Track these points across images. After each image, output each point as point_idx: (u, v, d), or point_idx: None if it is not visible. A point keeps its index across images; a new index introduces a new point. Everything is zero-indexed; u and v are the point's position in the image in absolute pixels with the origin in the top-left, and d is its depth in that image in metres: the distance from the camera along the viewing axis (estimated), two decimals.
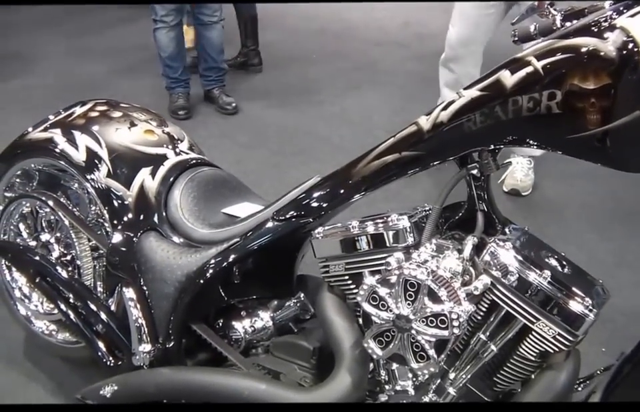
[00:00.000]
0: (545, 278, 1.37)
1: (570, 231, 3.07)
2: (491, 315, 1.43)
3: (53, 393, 2.17)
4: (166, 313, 1.77)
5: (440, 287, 1.33)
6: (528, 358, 1.42)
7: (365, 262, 1.52)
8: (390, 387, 1.56)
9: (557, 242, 1.52)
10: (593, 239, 3.08)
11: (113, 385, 1.78)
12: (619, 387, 1.40)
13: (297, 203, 1.63)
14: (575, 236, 3.01)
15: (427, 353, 1.36)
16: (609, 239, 3.11)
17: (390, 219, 1.49)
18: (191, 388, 1.70)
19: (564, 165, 3.73)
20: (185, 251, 1.75)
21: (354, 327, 1.55)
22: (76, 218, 2.00)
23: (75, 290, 1.96)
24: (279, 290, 1.79)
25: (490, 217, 1.51)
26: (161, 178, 1.87)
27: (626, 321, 2.33)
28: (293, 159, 3.80)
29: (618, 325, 2.40)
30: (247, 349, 1.78)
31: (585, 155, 1.30)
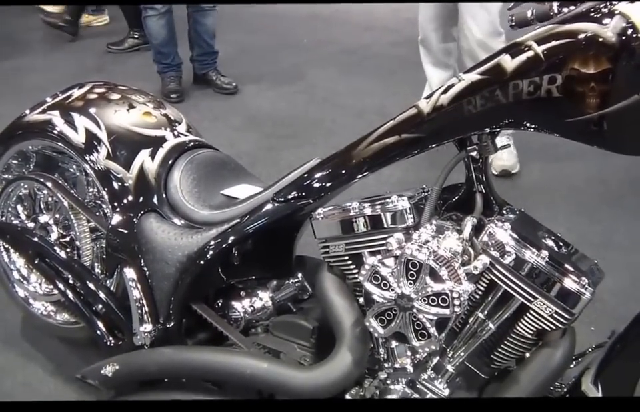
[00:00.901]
0: (542, 257, 1.38)
1: (559, 213, 3.09)
2: (489, 294, 1.45)
3: (52, 373, 2.16)
4: (167, 293, 1.77)
5: (441, 266, 1.34)
6: (525, 336, 1.44)
7: (365, 242, 1.53)
8: (389, 364, 1.57)
9: (547, 224, 1.54)
10: (582, 221, 3.10)
11: (114, 364, 1.79)
12: (612, 364, 1.43)
13: (297, 185, 1.63)
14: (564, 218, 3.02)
15: (428, 331, 1.38)
16: (598, 221, 3.14)
17: (390, 200, 1.50)
18: (193, 367, 1.71)
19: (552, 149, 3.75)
20: (185, 232, 1.75)
21: (354, 307, 1.56)
22: (75, 199, 2.00)
23: (75, 271, 1.96)
24: (278, 270, 1.80)
25: (487, 199, 1.52)
26: (161, 160, 1.87)
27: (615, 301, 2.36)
28: (286, 142, 3.79)
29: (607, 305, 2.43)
30: (247, 329, 1.79)
31: (583, 138, 1.32)
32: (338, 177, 1.58)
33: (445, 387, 1.52)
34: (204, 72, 4.45)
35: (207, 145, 1.98)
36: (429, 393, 1.52)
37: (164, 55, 4.25)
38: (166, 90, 4.24)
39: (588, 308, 1.42)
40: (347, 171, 1.57)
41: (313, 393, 1.58)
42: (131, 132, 1.92)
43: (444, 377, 1.52)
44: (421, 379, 1.53)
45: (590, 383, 1.44)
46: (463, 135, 1.46)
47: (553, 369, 1.44)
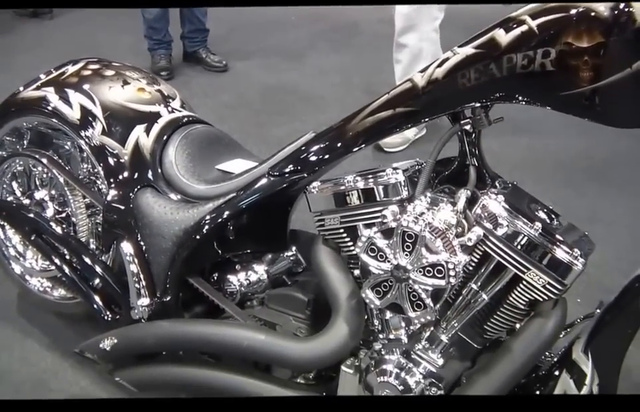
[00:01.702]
0: (535, 229, 1.39)
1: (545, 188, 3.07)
2: (483, 265, 1.45)
3: (49, 348, 2.15)
4: (164, 267, 1.77)
5: (436, 238, 1.34)
6: (518, 306, 1.45)
7: (360, 215, 1.53)
8: (383, 336, 1.58)
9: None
10: (568, 195, 3.12)
11: (112, 338, 1.78)
12: (602, 333, 1.44)
13: (292, 159, 1.63)
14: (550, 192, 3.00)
15: (423, 302, 1.38)
16: (583, 195, 3.16)
17: (385, 173, 1.50)
18: (191, 339, 1.71)
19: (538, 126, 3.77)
20: (182, 207, 1.74)
21: (349, 279, 1.56)
22: (70, 175, 1.98)
23: (71, 246, 1.95)
24: (273, 244, 1.79)
25: (480, 172, 1.52)
26: (156, 135, 1.85)
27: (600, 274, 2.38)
28: (275, 118, 3.78)
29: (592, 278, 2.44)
30: (242, 302, 1.79)
31: (575, 111, 1.32)
32: (333, 151, 1.57)
33: (439, 357, 1.53)
34: (194, 50, 4.42)
35: (201, 121, 1.97)
36: (423, 362, 1.53)
37: (155, 30, 4.21)
38: (156, 67, 4.20)
39: None
40: (342, 145, 1.56)
41: (310, 364, 1.59)
42: (125, 108, 1.90)
43: (438, 347, 1.53)
44: (415, 349, 1.54)
45: (580, 352, 1.45)
46: (457, 108, 1.46)
47: (545, 338, 1.45)
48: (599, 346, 1.44)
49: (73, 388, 2.02)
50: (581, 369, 1.44)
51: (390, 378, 1.52)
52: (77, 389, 2.02)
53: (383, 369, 1.53)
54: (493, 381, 1.47)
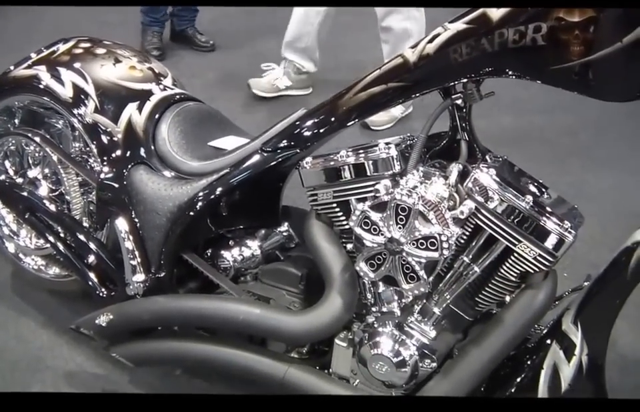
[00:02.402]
0: (526, 202, 1.38)
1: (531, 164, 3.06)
2: (474, 238, 1.45)
3: (44, 325, 2.14)
4: (158, 244, 1.75)
5: (429, 211, 1.34)
6: (509, 278, 1.45)
7: (352, 190, 1.52)
8: (376, 309, 1.57)
9: None
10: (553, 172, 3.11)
11: (107, 314, 1.77)
12: (590, 305, 1.44)
13: (285, 135, 1.61)
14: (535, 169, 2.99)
15: (417, 274, 1.38)
16: (568, 172, 3.17)
17: (377, 148, 1.49)
18: (186, 314, 1.70)
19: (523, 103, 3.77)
20: (175, 183, 1.73)
21: (342, 253, 1.55)
22: (64, 154, 1.95)
23: (66, 224, 1.93)
24: (266, 220, 1.78)
25: (472, 146, 1.52)
26: (148, 113, 1.83)
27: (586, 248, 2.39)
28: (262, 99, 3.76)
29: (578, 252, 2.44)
30: (236, 277, 1.78)
31: (565, 85, 1.31)
32: (325, 126, 1.56)
33: (431, 329, 1.52)
34: (182, 28, 4.36)
35: (193, 98, 1.95)
36: (416, 335, 1.53)
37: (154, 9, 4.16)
38: (148, 45, 4.15)
39: None
40: (334, 120, 1.54)
41: (304, 337, 1.58)
42: (117, 86, 1.87)
43: (430, 319, 1.53)
44: (408, 322, 1.54)
45: (570, 323, 1.45)
46: (448, 83, 1.45)
47: (536, 309, 1.46)
48: (588, 317, 1.44)
49: (69, 364, 2.01)
50: (570, 340, 1.44)
51: (383, 350, 1.52)
52: (73, 365, 2.01)
53: (376, 342, 1.53)
54: (484, 352, 1.47)
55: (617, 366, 2.03)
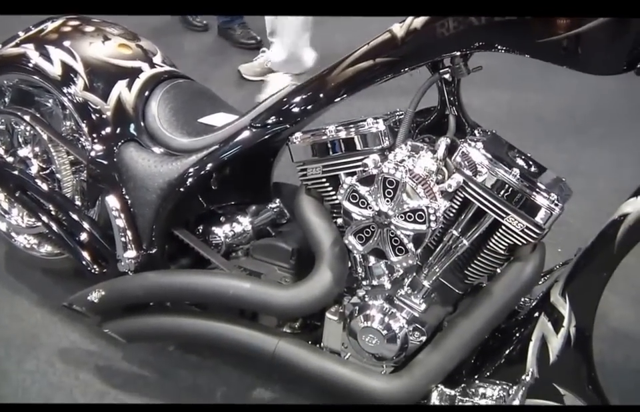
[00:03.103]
0: (513, 175, 1.40)
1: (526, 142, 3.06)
2: (463, 211, 1.46)
3: (38, 304, 2.15)
4: (149, 220, 1.76)
5: (417, 184, 1.35)
6: (497, 251, 1.47)
7: (341, 164, 1.53)
8: (367, 283, 1.59)
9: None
10: (549, 149, 3.14)
11: (99, 290, 1.78)
12: (578, 276, 1.46)
13: (274, 110, 1.62)
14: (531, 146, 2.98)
15: (405, 246, 1.39)
16: (563, 150, 3.18)
17: (366, 123, 1.50)
18: (177, 289, 1.71)
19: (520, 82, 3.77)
20: (165, 160, 1.74)
21: (332, 227, 1.57)
22: (54, 132, 1.96)
23: (57, 202, 1.94)
24: (257, 196, 1.80)
25: (460, 121, 1.53)
26: (138, 90, 1.84)
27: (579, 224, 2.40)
28: None
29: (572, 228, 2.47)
30: (228, 253, 1.79)
31: (552, 58, 1.32)
32: (314, 102, 1.57)
33: (421, 302, 1.54)
34: None
35: (183, 76, 1.96)
36: (406, 308, 1.54)
37: None
38: None
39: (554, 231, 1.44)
40: (322, 96, 1.55)
41: (294, 311, 1.60)
42: (107, 63, 1.88)
43: (420, 292, 1.54)
44: (398, 295, 1.56)
45: (558, 295, 1.47)
46: (436, 57, 1.46)
47: (524, 281, 1.47)
48: (575, 289, 1.46)
49: (63, 341, 2.03)
50: (558, 311, 1.47)
51: (373, 323, 1.54)
52: (67, 343, 2.02)
53: (366, 315, 1.55)
54: (473, 324, 1.49)
55: (607, 338, 2.05)
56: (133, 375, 1.93)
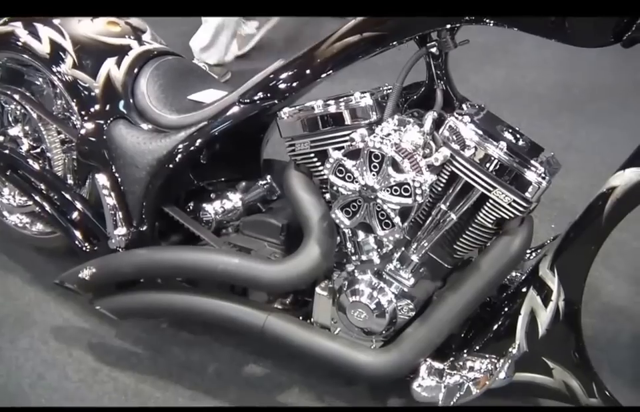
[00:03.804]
0: (500, 149, 1.40)
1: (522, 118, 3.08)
2: (451, 185, 1.47)
3: (31, 282, 2.16)
4: (139, 197, 1.77)
5: (403, 157, 1.35)
6: (485, 225, 1.47)
7: (329, 139, 1.53)
8: (356, 258, 1.59)
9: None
10: (544, 125, 3.14)
11: (90, 267, 1.79)
12: (567, 250, 1.47)
13: (262, 85, 1.62)
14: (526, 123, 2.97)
15: (392, 220, 1.39)
16: (558, 126, 3.18)
17: (353, 98, 1.50)
18: (167, 265, 1.72)
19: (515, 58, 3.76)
20: (154, 137, 1.74)
21: (321, 202, 1.57)
22: (44, 111, 1.96)
23: (48, 181, 1.94)
24: (247, 172, 1.80)
25: (448, 95, 1.53)
26: (127, 67, 1.84)
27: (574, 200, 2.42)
28: None
29: (566, 204, 2.48)
30: (218, 230, 1.80)
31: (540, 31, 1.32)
32: (303, 77, 1.57)
33: (410, 277, 1.55)
34: None
35: (172, 53, 1.95)
36: (395, 282, 1.55)
37: None
38: None
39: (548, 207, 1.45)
40: (311, 71, 1.56)
41: (283, 285, 1.60)
42: (95, 41, 1.88)
43: (409, 267, 1.55)
44: (386, 270, 1.56)
45: (547, 269, 1.48)
46: (424, 31, 1.45)
47: (512, 255, 1.48)
48: (564, 262, 1.46)
49: (56, 319, 2.04)
50: (547, 285, 1.47)
51: (362, 297, 1.55)
52: (60, 320, 2.03)
53: (355, 289, 1.56)
54: (461, 298, 1.50)
55: (599, 313, 2.06)
56: (126, 351, 1.93)
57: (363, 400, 1.78)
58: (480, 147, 1.40)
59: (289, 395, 1.80)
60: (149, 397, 1.79)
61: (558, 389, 1.53)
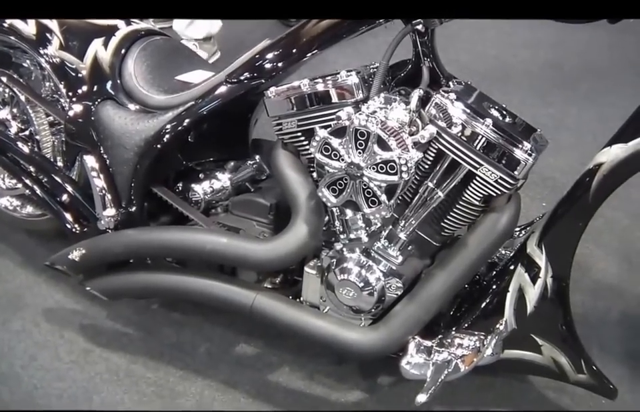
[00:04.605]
0: (486, 126, 1.39)
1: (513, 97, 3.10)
2: (438, 163, 1.46)
3: (22, 265, 2.16)
4: (127, 178, 1.76)
5: (389, 135, 1.34)
6: (472, 202, 1.46)
7: (316, 118, 1.52)
8: (344, 236, 1.59)
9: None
10: (536, 104, 3.13)
11: (80, 248, 1.78)
12: (554, 227, 1.46)
13: (250, 65, 1.61)
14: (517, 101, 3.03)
15: (378, 198, 1.39)
16: (550, 104, 3.17)
17: (339, 76, 1.49)
18: (156, 246, 1.71)
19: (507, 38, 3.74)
20: (141, 117, 1.73)
21: (308, 181, 1.57)
22: (32, 93, 1.95)
23: (37, 163, 1.93)
24: (235, 152, 1.79)
25: (435, 72, 1.52)
26: (114, 48, 1.82)
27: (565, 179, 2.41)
28: None
29: (557, 182, 2.48)
30: (207, 210, 1.80)
31: None
32: (289, 56, 1.56)
33: (398, 255, 1.55)
34: None
35: (159, 33, 1.93)
36: (383, 260, 1.55)
37: None
38: None
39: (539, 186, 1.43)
40: (297, 50, 1.55)
41: (270, 264, 1.60)
42: (82, 21, 1.86)
43: (397, 244, 1.55)
44: (374, 248, 1.56)
45: (534, 246, 1.47)
46: None
47: (499, 232, 1.47)
48: (551, 239, 1.46)
49: (48, 301, 2.03)
50: (534, 262, 1.47)
51: (350, 276, 1.55)
52: (52, 302, 2.03)
53: (343, 267, 1.56)
54: (449, 275, 1.50)
55: (589, 290, 2.06)
56: (118, 332, 1.93)
57: (354, 378, 1.78)
58: (466, 124, 1.39)
59: (280, 374, 1.80)
60: (140, 377, 1.79)
61: (547, 365, 1.53)
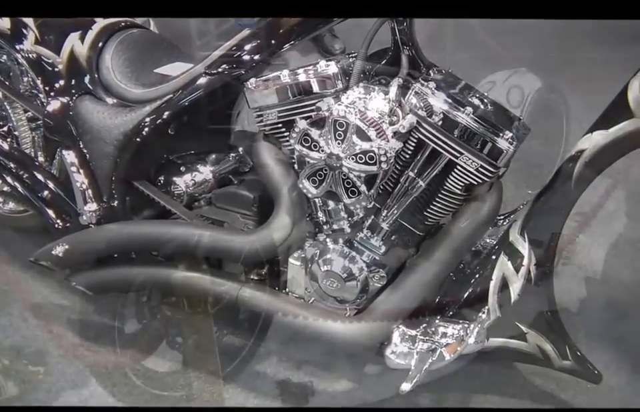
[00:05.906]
0: (467, 114, 1.36)
1: None
2: (418, 152, 1.43)
3: (8, 262, 2.14)
4: (107, 172, 1.73)
5: (368, 126, 1.32)
6: (454, 191, 1.44)
7: (296, 108, 1.50)
8: (327, 227, 1.56)
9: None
10: None
11: (63, 244, 1.75)
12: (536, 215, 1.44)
13: (228, 56, 1.58)
14: None
15: (358, 188, 1.37)
16: None
17: (319, 66, 1.46)
18: (140, 240, 1.69)
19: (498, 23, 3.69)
20: (120, 111, 1.69)
21: (290, 172, 1.54)
22: (9, 89, 1.91)
23: (17, 159, 1.90)
24: (217, 144, 1.75)
25: (415, 61, 1.48)
26: (91, 42, 1.78)
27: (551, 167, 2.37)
28: None
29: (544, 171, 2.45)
30: (190, 203, 1.77)
31: None
32: (267, 47, 1.53)
33: (381, 245, 1.53)
34: None
35: (137, 25, 1.89)
36: (366, 251, 1.53)
37: None
38: None
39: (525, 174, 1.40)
40: (276, 40, 1.51)
41: (254, 255, 1.57)
42: None
43: (379, 234, 1.52)
44: (357, 238, 1.53)
45: (517, 234, 1.45)
46: None
47: (481, 220, 1.45)
48: (534, 227, 1.44)
49: (35, 297, 2.01)
50: (517, 250, 1.44)
51: (333, 266, 1.53)
52: (39, 298, 2.01)
53: (326, 258, 1.53)
54: (432, 264, 1.48)
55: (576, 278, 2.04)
56: (106, 326, 1.91)
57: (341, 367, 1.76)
58: (446, 113, 1.36)
59: (267, 365, 1.79)
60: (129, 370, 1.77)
61: (532, 352, 1.52)
